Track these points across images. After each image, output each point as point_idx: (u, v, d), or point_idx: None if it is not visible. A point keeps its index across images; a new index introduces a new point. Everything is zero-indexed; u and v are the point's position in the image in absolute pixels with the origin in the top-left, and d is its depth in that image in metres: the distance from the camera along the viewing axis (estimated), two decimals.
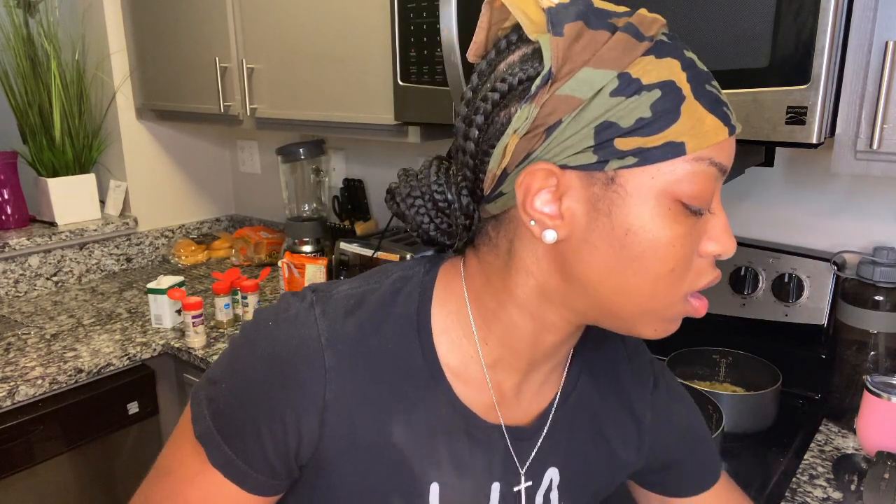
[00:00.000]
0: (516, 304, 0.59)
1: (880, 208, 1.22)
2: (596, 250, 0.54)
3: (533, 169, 0.53)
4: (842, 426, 1.16)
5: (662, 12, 0.95)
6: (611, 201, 0.52)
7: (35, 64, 1.91)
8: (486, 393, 0.63)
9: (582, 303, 0.57)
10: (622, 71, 0.51)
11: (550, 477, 0.68)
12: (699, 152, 0.51)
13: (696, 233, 0.54)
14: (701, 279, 0.56)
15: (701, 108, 0.52)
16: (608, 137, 0.51)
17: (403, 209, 0.62)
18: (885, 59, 0.84)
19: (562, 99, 0.52)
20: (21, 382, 1.38)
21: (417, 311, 0.62)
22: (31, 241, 1.88)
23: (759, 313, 1.26)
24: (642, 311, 0.56)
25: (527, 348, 0.62)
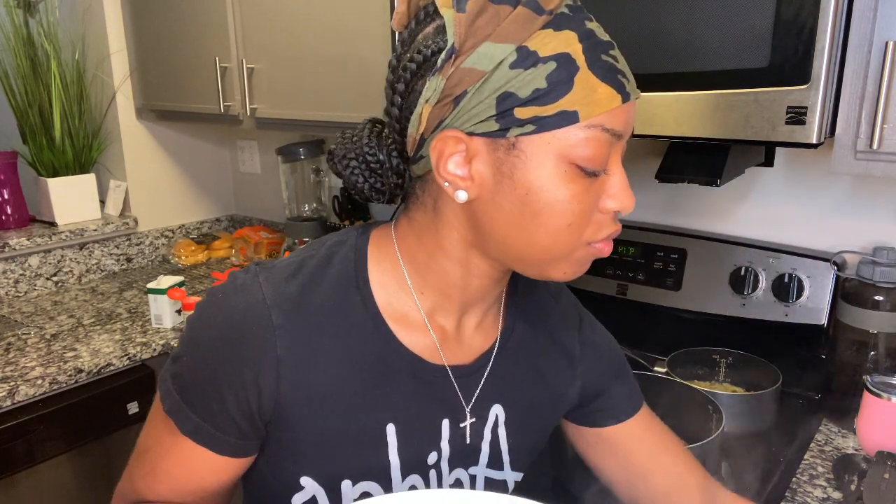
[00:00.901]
0: (445, 255, 0.66)
1: (880, 208, 1.22)
2: (502, 208, 0.60)
3: (444, 136, 0.59)
4: (842, 426, 1.16)
5: (663, 12, 0.95)
6: (513, 165, 0.58)
7: (35, 64, 1.91)
8: (428, 337, 0.69)
9: (496, 252, 0.64)
10: (521, 44, 0.55)
11: (496, 413, 0.74)
12: (591, 120, 0.56)
13: (594, 191, 0.60)
14: (601, 231, 0.62)
15: (594, 79, 0.56)
16: (508, 107, 0.56)
17: (340, 169, 0.68)
18: (885, 59, 0.84)
19: (466, 71, 0.57)
20: (21, 382, 1.38)
21: (355, 268, 0.67)
22: (31, 241, 1.88)
23: (759, 313, 1.26)
24: (548, 258, 0.62)
25: (458, 292, 0.68)
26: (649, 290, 1.38)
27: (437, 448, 0.71)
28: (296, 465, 0.66)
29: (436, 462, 0.71)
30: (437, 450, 0.71)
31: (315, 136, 2.04)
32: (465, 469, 0.74)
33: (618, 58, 0.58)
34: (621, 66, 0.58)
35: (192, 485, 0.66)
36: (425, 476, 0.70)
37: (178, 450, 0.65)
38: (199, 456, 0.65)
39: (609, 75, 0.56)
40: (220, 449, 0.65)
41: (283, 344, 0.62)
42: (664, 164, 1.12)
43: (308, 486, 0.66)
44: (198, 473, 0.66)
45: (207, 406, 0.63)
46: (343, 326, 0.65)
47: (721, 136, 0.95)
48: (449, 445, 0.71)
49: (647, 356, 1.29)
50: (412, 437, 0.68)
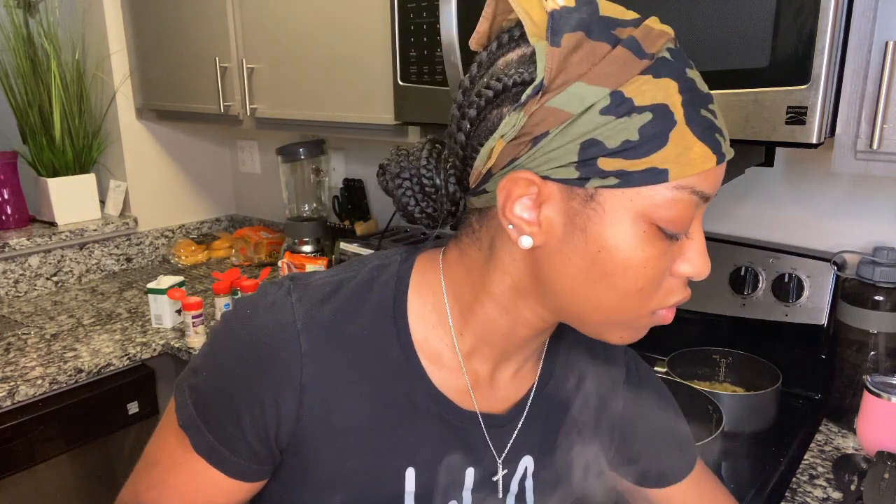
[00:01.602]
0: (492, 300, 0.61)
1: (880, 208, 1.22)
2: (569, 262, 0.55)
3: (515, 176, 0.53)
4: (842, 426, 1.16)
5: (663, 12, 0.95)
6: (588, 217, 0.53)
7: (35, 64, 1.91)
8: (461, 380, 0.64)
9: (553, 306, 0.59)
10: (615, 89, 0.50)
11: (525, 465, 0.69)
12: (681, 180, 0.51)
13: (671, 255, 0.55)
14: (671, 298, 0.57)
15: (690, 135, 0.51)
16: (592, 156, 0.51)
17: (392, 188, 0.62)
18: (885, 59, 0.84)
19: (551, 111, 0.51)
20: (21, 382, 1.38)
21: (394, 298, 0.63)
22: (31, 241, 1.88)
23: (759, 313, 1.26)
24: (609, 321, 0.57)
25: (501, 340, 0.63)
26: None
27: (458, 497, 0.67)
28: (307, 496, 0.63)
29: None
30: (457, 499, 0.66)
31: (315, 136, 2.04)
32: None
33: (717, 113, 0.54)
34: (719, 123, 0.53)
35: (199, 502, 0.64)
36: None
37: (189, 467, 0.63)
38: (210, 476, 0.62)
39: (707, 133, 0.52)
40: (232, 472, 0.62)
41: (309, 372, 0.59)
42: None
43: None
44: (206, 493, 0.63)
45: (224, 427, 0.61)
46: (374, 360, 0.61)
47: None
48: (472, 496, 0.67)
49: (647, 356, 1.29)
50: (432, 484, 0.65)
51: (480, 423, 0.66)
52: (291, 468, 0.63)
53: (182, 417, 0.62)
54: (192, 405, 0.62)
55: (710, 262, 0.57)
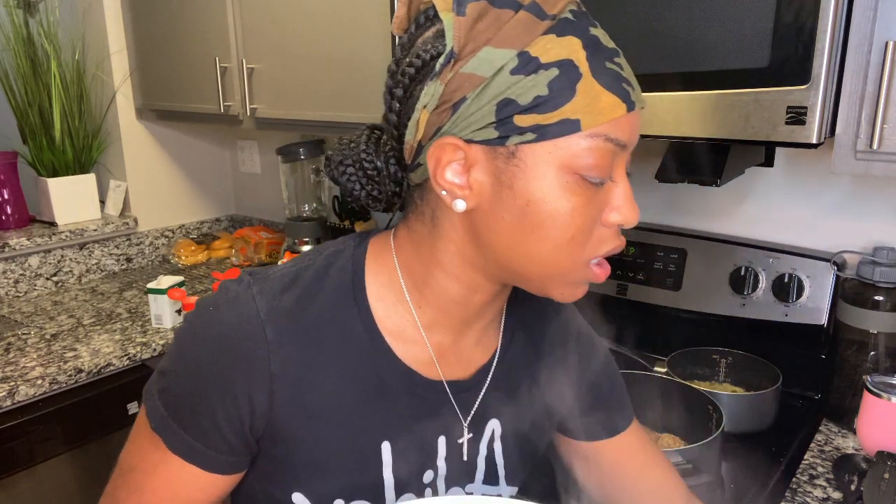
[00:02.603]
0: (442, 270, 0.64)
1: (880, 208, 1.22)
2: (502, 220, 0.58)
3: (441, 142, 0.57)
4: (842, 426, 1.16)
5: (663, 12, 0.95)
6: (513, 174, 0.56)
7: (35, 64, 1.91)
8: (426, 352, 0.67)
9: (495, 267, 0.61)
10: (522, 50, 0.54)
11: (492, 428, 0.73)
12: (594, 129, 0.54)
13: (597, 203, 0.58)
14: (602, 247, 0.60)
15: (598, 86, 0.54)
16: (508, 114, 0.54)
17: (337, 175, 0.66)
18: (885, 59, 0.84)
19: (466, 77, 0.55)
20: (21, 382, 1.38)
21: (352, 280, 0.65)
22: (31, 241, 1.88)
23: (759, 313, 1.26)
24: (547, 275, 0.60)
25: (458, 309, 0.66)
26: (649, 290, 1.38)
27: (434, 466, 0.69)
28: (287, 482, 0.64)
29: (432, 480, 0.70)
30: (433, 468, 0.69)
31: (315, 136, 2.04)
32: (462, 487, 0.72)
33: (623, 66, 0.57)
34: (626, 73, 0.57)
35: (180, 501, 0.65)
36: (421, 495, 0.69)
37: (166, 468, 0.63)
38: (187, 473, 0.63)
39: (614, 83, 0.55)
40: (209, 466, 0.63)
41: (277, 360, 0.60)
42: (664, 164, 1.12)
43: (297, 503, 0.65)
44: (186, 491, 0.64)
45: (197, 423, 0.61)
46: (339, 341, 0.63)
47: (721, 136, 0.95)
48: (445, 463, 0.70)
49: (647, 356, 1.29)
50: (408, 455, 0.67)
51: (447, 391, 0.68)
52: (270, 455, 0.64)
53: (154, 420, 0.63)
54: (163, 407, 0.63)
55: (638, 210, 0.60)
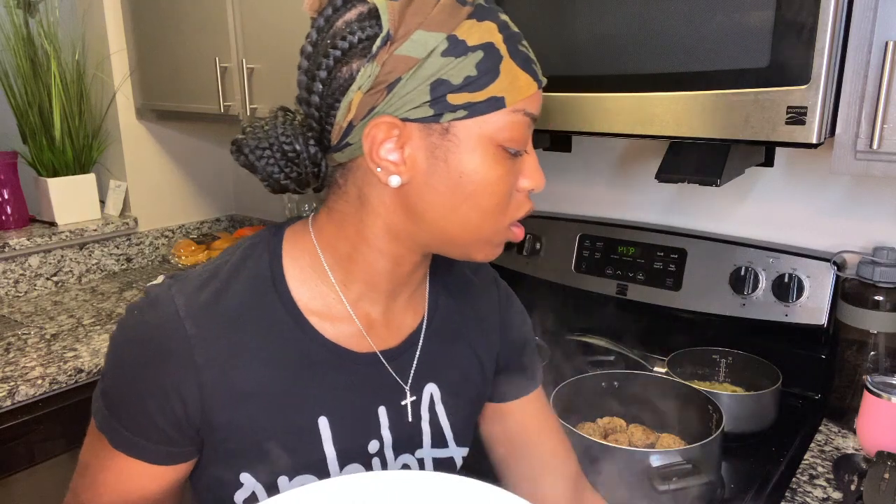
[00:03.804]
0: (369, 245, 0.67)
1: (880, 208, 1.22)
2: (436, 191, 0.62)
3: (378, 121, 0.60)
4: (842, 426, 1.16)
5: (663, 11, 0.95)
6: (447, 149, 0.61)
7: (35, 64, 1.91)
8: (354, 326, 0.70)
9: (424, 236, 0.66)
10: (451, 33, 0.59)
11: (430, 392, 0.76)
12: (516, 105, 0.61)
13: (515, 172, 0.64)
14: (520, 210, 0.67)
15: (515, 67, 0.60)
16: (442, 93, 0.59)
17: (252, 160, 0.66)
18: (885, 59, 0.84)
19: (400, 58, 0.58)
20: (21, 382, 1.38)
21: (269, 268, 0.68)
22: (31, 241, 1.88)
23: (759, 313, 1.26)
24: (475, 239, 0.65)
25: (386, 282, 0.70)
26: (649, 290, 1.38)
27: (378, 436, 0.72)
28: (233, 465, 0.67)
29: (378, 450, 0.72)
30: (377, 438, 0.72)
31: None
32: (412, 454, 0.75)
33: (528, 47, 0.63)
34: (532, 55, 0.63)
35: (133, 495, 0.67)
36: (367, 465, 0.71)
37: (114, 463, 0.66)
38: (134, 468, 0.66)
39: (526, 64, 0.61)
40: (152, 459, 0.66)
41: (201, 352, 0.63)
42: (664, 164, 1.12)
43: (247, 483, 0.67)
44: (137, 483, 0.67)
45: (135, 420, 0.65)
46: (262, 326, 0.66)
47: (721, 136, 0.95)
48: (390, 432, 0.73)
49: (647, 356, 1.29)
50: (347, 428, 0.70)
51: (382, 361, 0.72)
52: (211, 441, 0.66)
53: (98, 421, 0.67)
54: (105, 408, 0.66)
55: (544, 176, 0.66)
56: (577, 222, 1.51)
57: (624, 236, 1.43)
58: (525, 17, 1.08)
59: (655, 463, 0.90)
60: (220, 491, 0.68)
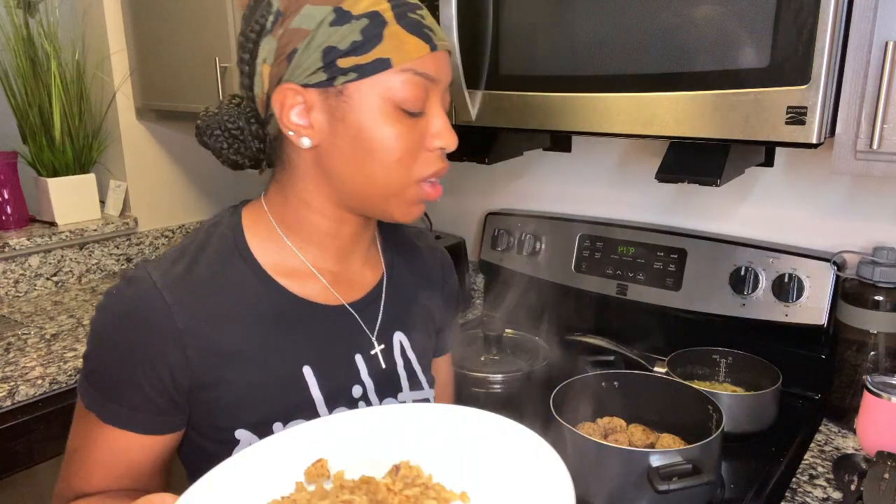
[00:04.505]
0: (308, 208, 0.74)
1: (880, 208, 1.22)
2: (341, 151, 0.69)
3: (282, 88, 0.68)
4: (842, 426, 1.16)
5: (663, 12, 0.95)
6: (343, 109, 0.67)
7: (35, 64, 1.91)
8: (319, 282, 0.77)
9: (344, 196, 0.72)
10: (337, 6, 0.66)
11: (399, 339, 0.84)
12: (403, 65, 0.66)
13: (418, 131, 0.69)
14: (428, 168, 0.71)
15: (403, 32, 0.66)
16: (332, 59, 0.66)
17: (206, 140, 0.77)
18: (885, 59, 0.84)
19: (294, 31, 0.67)
20: (21, 382, 1.38)
21: (234, 241, 0.74)
22: (31, 241, 1.88)
23: (759, 313, 1.26)
24: (385, 195, 0.71)
25: (332, 241, 0.77)
26: (649, 290, 1.38)
27: (360, 381, 0.79)
28: (228, 422, 0.71)
29: (362, 394, 0.79)
30: (359, 383, 0.79)
31: None
32: (395, 397, 0.82)
33: (425, 16, 0.69)
34: (428, 22, 0.69)
35: (123, 468, 0.71)
36: (354, 407, 0.77)
37: (104, 439, 0.70)
38: (124, 439, 0.70)
39: (416, 29, 0.67)
40: (142, 429, 0.70)
41: (181, 318, 0.68)
42: (664, 164, 1.12)
43: (243, 439, 0.71)
44: (127, 456, 0.71)
45: (122, 391, 0.69)
46: (234, 290, 0.72)
47: (721, 136, 0.95)
48: (370, 378, 0.80)
49: (647, 356, 1.29)
50: (330, 374, 0.76)
51: (350, 311, 0.79)
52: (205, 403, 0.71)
53: (86, 401, 0.71)
54: (91, 387, 0.70)
55: (456, 136, 0.71)
56: (577, 222, 1.51)
57: (624, 236, 1.43)
58: (525, 17, 1.08)
59: (655, 463, 0.89)
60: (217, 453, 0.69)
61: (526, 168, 1.66)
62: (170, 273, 0.70)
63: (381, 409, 0.71)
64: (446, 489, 0.59)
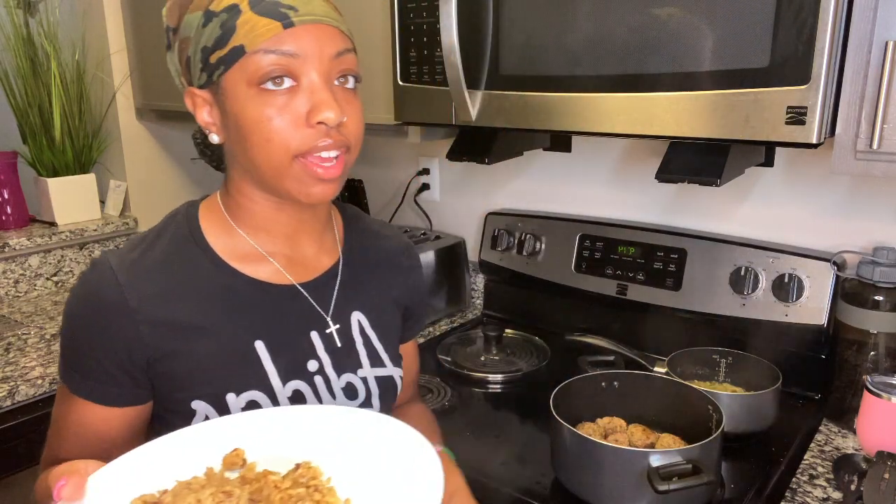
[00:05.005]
0: (244, 197, 0.79)
1: (880, 208, 1.22)
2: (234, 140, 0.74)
3: (188, 91, 0.76)
4: (842, 426, 1.16)
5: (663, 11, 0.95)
6: (224, 102, 0.73)
7: (35, 64, 1.91)
8: (271, 265, 0.81)
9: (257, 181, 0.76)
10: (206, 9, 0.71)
11: (357, 319, 0.87)
12: (255, 47, 0.69)
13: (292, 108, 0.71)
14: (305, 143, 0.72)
15: (255, 16, 0.70)
16: (206, 58, 0.72)
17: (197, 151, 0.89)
18: (885, 59, 0.84)
19: (183, 41, 0.74)
20: (21, 382, 1.38)
21: (189, 229, 0.80)
22: (31, 241, 1.88)
23: (759, 313, 1.26)
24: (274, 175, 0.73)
25: (276, 225, 0.81)
26: (649, 290, 1.38)
27: (316, 357, 0.83)
28: (183, 393, 0.76)
29: (318, 369, 0.83)
30: (315, 358, 0.83)
31: None
32: (354, 373, 0.86)
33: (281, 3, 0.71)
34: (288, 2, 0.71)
35: (91, 438, 0.77)
36: (310, 381, 0.82)
37: (74, 410, 0.77)
38: (90, 411, 0.76)
39: (270, 10, 0.70)
40: (105, 400, 0.76)
41: (134, 296, 0.73)
42: (664, 164, 1.12)
43: (199, 409, 0.76)
44: (94, 426, 0.77)
45: (86, 365, 0.75)
46: (187, 271, 0.77)
47: (721, 136, 0.95)
48: (328, 354, 0.83)
49: (647, 356, 1.29)
50: (283, 349, 0.80)
51: (302, 292, 0.83)
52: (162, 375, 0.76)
53: (61, 374, 0.78)
54: (64, 363, 0.77)
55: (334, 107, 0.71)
56: (577, 222, 1.51)
57: (624, 236, 1.43)
58: (525, 17, 1.08)
59: (655, 463, 0.90)
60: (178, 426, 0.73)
61: (526, 168, 1.66)
62: (125, 258, 0.76)
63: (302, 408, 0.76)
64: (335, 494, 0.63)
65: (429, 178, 1.85)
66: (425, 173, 1.85)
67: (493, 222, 1.64)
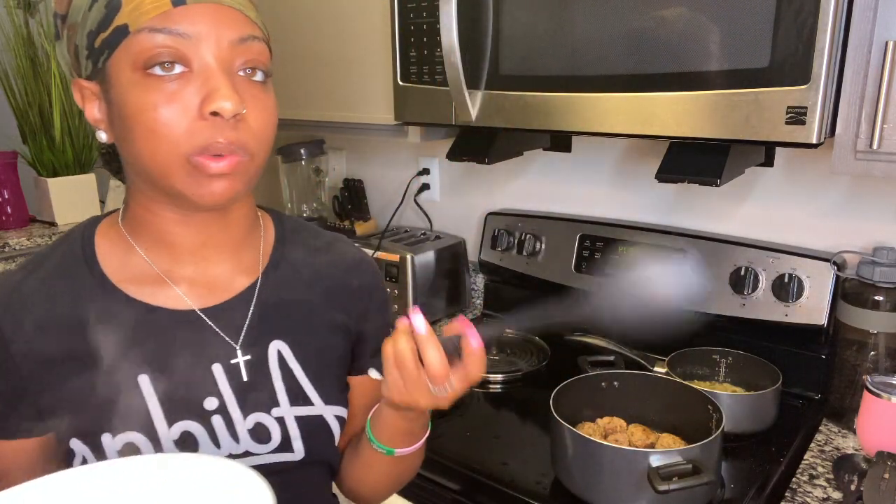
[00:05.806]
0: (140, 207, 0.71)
1: (880, 208, 1.22)
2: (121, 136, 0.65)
3: (74, 84, 0.67)
4: (842, 426, 1.16)
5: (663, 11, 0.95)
6: (108, 91, 0.64)
7: (35, 64, 1.91)
8: (169, 288, 0.71)
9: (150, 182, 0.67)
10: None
11: (277, 349, 0.75)
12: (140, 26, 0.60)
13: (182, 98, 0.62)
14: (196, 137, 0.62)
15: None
16: (91, 43, 0.63)
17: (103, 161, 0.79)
18: (885, 59, 0.84)
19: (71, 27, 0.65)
20: None
21: (81, 247, 0.72)
22: (31, 241, 1.88)
23: (759, 313, 1.26)
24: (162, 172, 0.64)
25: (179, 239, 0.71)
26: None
27: (217, 394, 0.71)
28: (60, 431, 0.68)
29: (218, 407, 0.71)
30: (215, 395, 0.71)
31: (315, 136, 2.04)
32: (267, 412, 0.73)
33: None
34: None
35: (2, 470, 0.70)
36: (206, 422, 0.71)
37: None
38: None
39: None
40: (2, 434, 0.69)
41: (9, 324, 0.67)
42: (664, 164, 1.12)
43: (77, 449, 0.68)
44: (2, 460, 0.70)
45: None
46: (71, 297, 0.69)
47: (721, 136, 0.95)
48: (231, 389, 0.72)
49: (647, 356, 1.29)
50: (173, 384, 0.69)
51: (202, 317, 0.72)
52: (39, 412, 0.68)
53: None
54: None
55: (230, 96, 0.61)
56: (577, 222, 1.51)
57: (624, 236, 1.43)
58: (525, 17, 1.08)
59: (655, 463, 0.90)
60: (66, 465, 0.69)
61: (526, 168, 1.66)
62: (10, 280, 0.70)
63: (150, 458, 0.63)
64: None
65: (429, 178, 1.85)
66: (425, 173, 1.85)
67: (493, 222, 1.64)
